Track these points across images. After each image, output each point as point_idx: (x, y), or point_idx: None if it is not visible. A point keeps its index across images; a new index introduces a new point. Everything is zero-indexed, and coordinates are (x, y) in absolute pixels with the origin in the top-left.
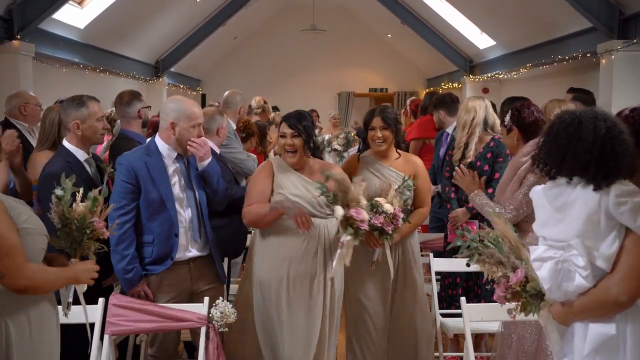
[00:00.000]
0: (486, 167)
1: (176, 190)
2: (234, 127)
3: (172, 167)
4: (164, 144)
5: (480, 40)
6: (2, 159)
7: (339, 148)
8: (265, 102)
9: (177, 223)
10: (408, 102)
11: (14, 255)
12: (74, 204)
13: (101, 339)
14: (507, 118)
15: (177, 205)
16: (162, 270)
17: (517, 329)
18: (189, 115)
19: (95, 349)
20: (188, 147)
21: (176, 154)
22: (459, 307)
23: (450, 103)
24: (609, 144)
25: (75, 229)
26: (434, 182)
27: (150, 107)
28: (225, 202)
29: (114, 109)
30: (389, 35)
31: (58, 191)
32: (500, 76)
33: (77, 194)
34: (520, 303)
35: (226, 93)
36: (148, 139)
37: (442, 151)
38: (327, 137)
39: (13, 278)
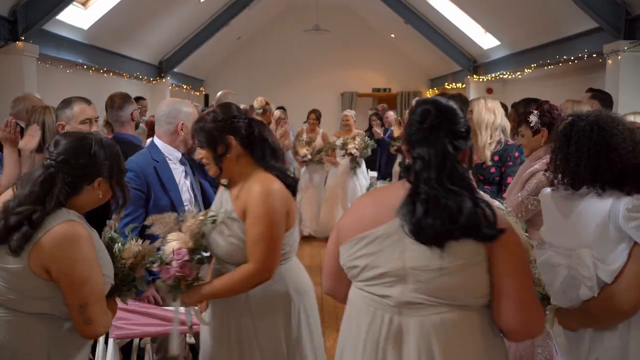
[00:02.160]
0: (493, 170)
1: (185, 193)
2: None
3: (178, 169)
4: (169, 146)
5: (484, 40)
6: (7, 147)
7: (356, 152)
8: (267, 103)
9: None
10: (414, 102)
11: (102, 303)
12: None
13: (105, 342)
14: (536, 119)
15: (186, 209)
16: None
17: None
18: (194, 115)
19: (100, 353)
20: None
21: (180, 154)
22: None
23: (460, 104)
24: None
25: (122, 274)
26: None
27: (140, 109)
28: None
29: None
30: (393, 35)
31: (111, 233)
32: (505, 76)
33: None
34: None
35: (219, 93)
36: (148, 140)
37: None
38: (340, 140)
39: (98, 327)
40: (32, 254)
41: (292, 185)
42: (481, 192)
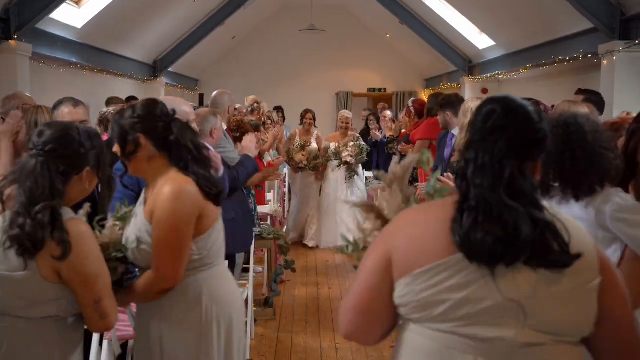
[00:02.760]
0: None
1: None
2: (225, 126)
3: None
4: None
5: (480, 40)
6: (6, 140)
7: (351, 160)
8: (257, 102)
9: None
10: (410, 102)
11: (112, 295)
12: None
13: (100, 344)
14: None
15: None
16: None
17: None
18: (187, 114)
19: (94, 354)
20: None
21: None
22: None
23: (457, 104)
24: (568, 149)
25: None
26: None
27: None
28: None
29: (109, 109)
30: (388, 35)
31: None
32: (500, 77)
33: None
34: None
35: (214, 93)
36: None
37: (446, 152)
38: (333, 145)
39: (112, 319)
40: (41, 258)
41: (211, 194)
42: None
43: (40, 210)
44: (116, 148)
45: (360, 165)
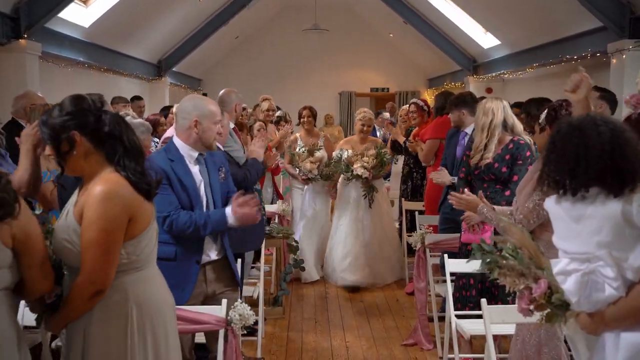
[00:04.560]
0: (504, 169)
1: (201, 192)
2: (232, 125)
3: (194, 168)
4: (184, 144)
5: (485, 39)
6: (28, 143)
7: (364, 173)
8: (273, 110)
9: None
10: (420, 101)
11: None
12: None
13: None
14: (543, 117)
15: (203, 208)
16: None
17: (521, 332)
18: (213, 113)
19: None
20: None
21: (197, 154)
22: (473, 309)
23: (471, 102)
24: (617, 147)
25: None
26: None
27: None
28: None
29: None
30: (391, 35)
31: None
32: (505, 76)
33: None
34: (544, 314)
35: (221, 92)
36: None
37: (459, 151)
38: (345, 154)
39: (51, 280)
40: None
41: (144, 189)
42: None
43: None
44: (49, 150)
45: (383, 179)
